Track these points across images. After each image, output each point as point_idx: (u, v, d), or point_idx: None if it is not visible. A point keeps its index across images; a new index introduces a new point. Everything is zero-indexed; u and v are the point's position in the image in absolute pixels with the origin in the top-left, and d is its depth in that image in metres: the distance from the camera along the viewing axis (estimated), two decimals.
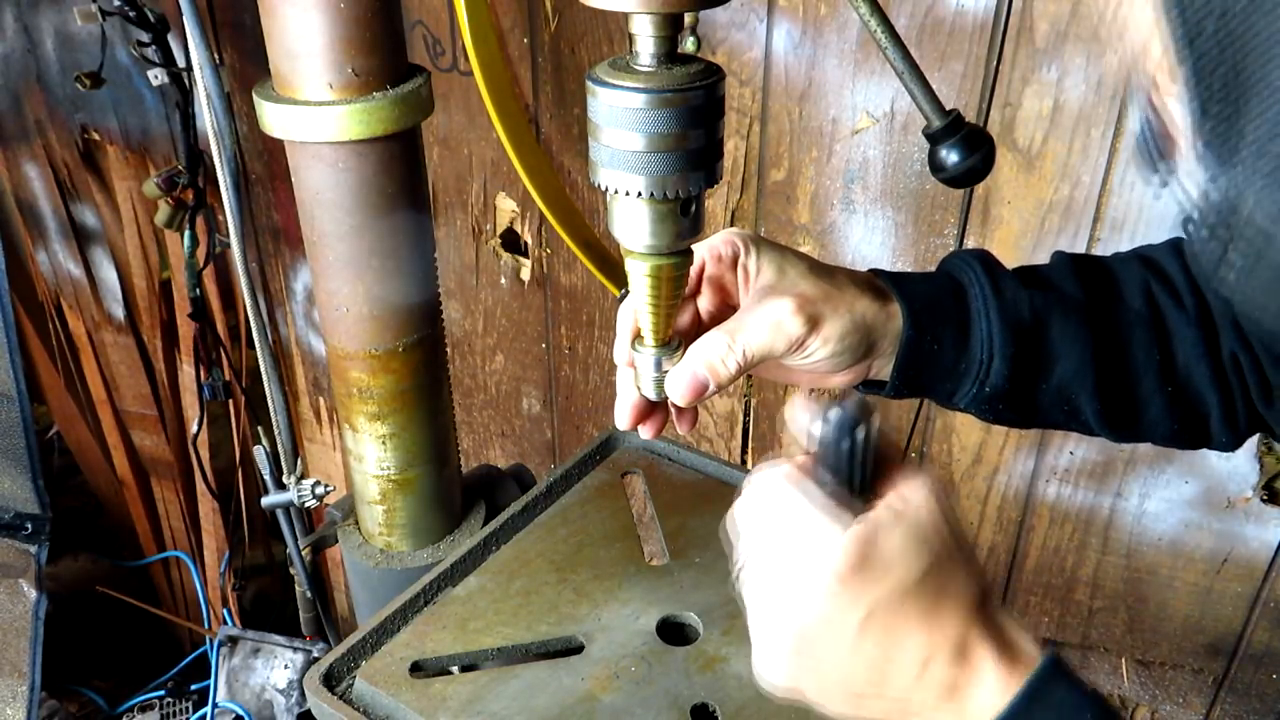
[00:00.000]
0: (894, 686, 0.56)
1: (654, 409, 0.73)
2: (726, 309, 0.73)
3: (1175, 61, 0.34)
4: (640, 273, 0.66)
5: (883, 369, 0.71)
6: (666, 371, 0.70)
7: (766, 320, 0.66)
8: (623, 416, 0.73)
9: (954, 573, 0.56)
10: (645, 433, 0.74)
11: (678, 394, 0.68)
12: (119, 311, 2.31)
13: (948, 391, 0.73)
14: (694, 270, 0.70)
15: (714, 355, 0.67)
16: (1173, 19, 0.34)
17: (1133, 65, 0.38)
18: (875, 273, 0.73)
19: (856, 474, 0.57)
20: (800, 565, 0.56)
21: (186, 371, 2.30)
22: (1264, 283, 0.36)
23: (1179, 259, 0.75)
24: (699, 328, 0.72)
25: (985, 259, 0.74)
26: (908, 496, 0.57)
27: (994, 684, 0.55)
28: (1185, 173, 0.37)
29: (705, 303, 0.73)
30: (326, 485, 1.50)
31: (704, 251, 0.70)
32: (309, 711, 0.90)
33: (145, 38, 1.68)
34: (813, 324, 0.66)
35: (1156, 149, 0.40)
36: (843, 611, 0.55)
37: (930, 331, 0.70)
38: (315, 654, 2.06)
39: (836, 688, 0.58)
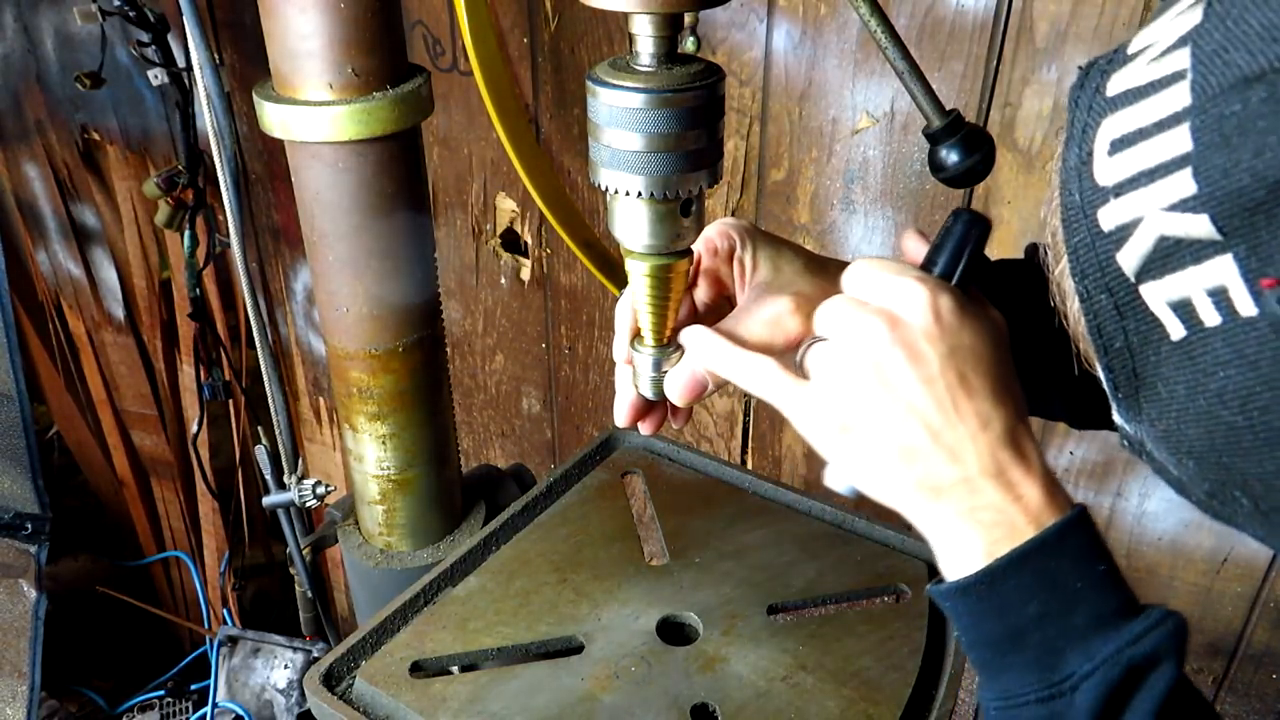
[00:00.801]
0: (953, 433, 0.57)
1: (652, 407, 0.74)
2: (722, 301, 0.73)
3: (1095, 358, 0.48)
4: (640, 272, 0.66)
5: None
6: (665, 372, 0.70)
7: (764, 319, 0.67)
8: (621, 414, 0.74)
9: (1015, 381, 0.60)
10: (644, 430, 0.75)
11: (676, 394, 0.69)
12: (119, 311, 2.31)
13: None
14: (693, 262, 0.70)
15: (709, 353, 0.68)
16: (1093, 335, 0.47)
17: (1074, 336, 0.49)
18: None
19: (960, 265, 0.62)
20: (895, 300, 0.58)
21: (186, 371, 2.30)
22: (1167, 482, 0.51)
23: None
24: (694, 320, 0.72)
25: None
26: (990, 311, 0.62)
27: (1038, 487, 0.57)
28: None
29: (701, 295, 0.74)
30: (327, 485, 1.50)
31: (699, 244, 0.70)
32: (309, 711, 0.90)
33: (145, 38, 1.68)
34: (810, 321, 0.67)
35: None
36: (932, 341, 0.57)
37: None
38: (315, 654, 2.06)
39: (896, 427, 0.58)
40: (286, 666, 2.10)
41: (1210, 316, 0.41)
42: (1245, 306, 0.39)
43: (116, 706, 2.42)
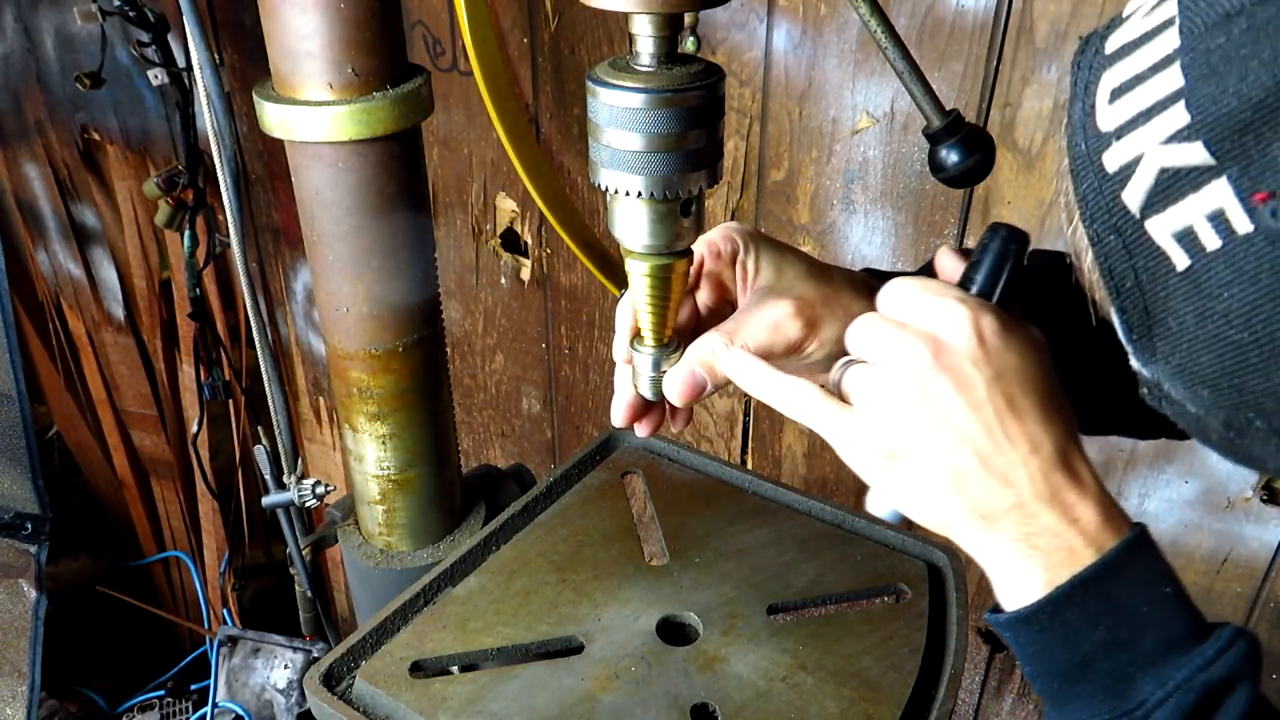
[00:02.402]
0: (1003, 459, 0.56)
1: (650, 407, 0.73)
2: (724, 305, 0.73)
3: (1108, 300, 0.50)
4: (640, 273, 0.66)
5: None
6: (664, 372, 0.70)
7: (765, 322, 0.67)
8: (619, 413, 0.74)
9: (1063, 397, 0.59)
10: (641, 430, 0.74)
11: (674, 393, 0.69)
12: (119, 311, 2.31)
13: None
14: (695, 265, 0.70)
15: (711, 354, 0.67)
16: (1105, 277, 0.49)
17: (1091, 291, 0.52)
18: (869, 272, 0.73)
19: (1000, 283, 0.60)
20: (937, 324, 0.58)
21: (186, 371, 2.30)
22: (1186, 425, 0.52)
23: None
24: (697, 323, 0.72)
25: None
26: (1031, 329, 0.61)
27: (1094, 508, 0.57)
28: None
29: (703, 298, 0.73)
30: (327, 485, 1.50)
31: (702, 247, 0.70)
32: (309, 711, 0.90)
33: (145, 38, 1.68)
34: (810, 327, 0.67)
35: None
36: (978, 365, 0.56)
37: None
38: (315, 654, 2.06)
39: (944, 454, 0.57)
40: (286, 666, 2.10)
41: (1211, 240, 0.43)
42: (1241, 224, 0.42)
43: (116, 706, 2.42)
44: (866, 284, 0.71)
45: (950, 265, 0.66)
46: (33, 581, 1.60)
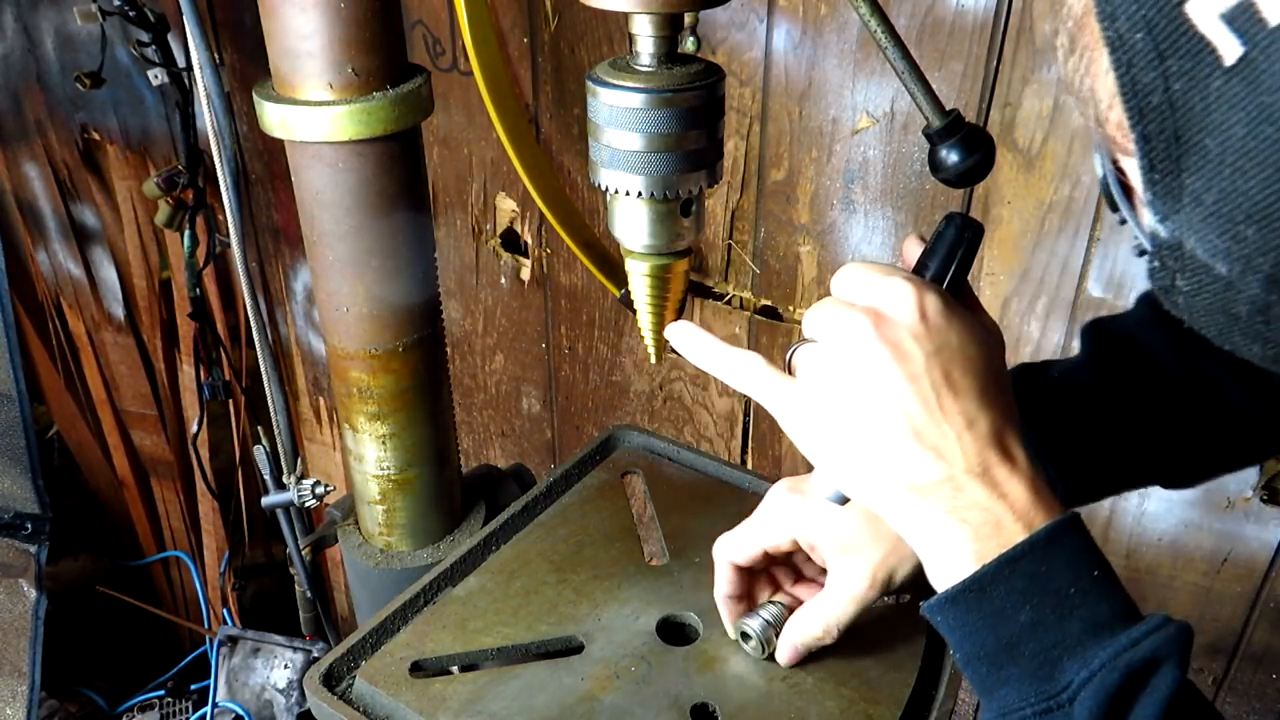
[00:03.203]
0: (937, 430, 0.57)
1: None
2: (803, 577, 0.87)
3: (1128, 127, 0.42)
4: (640, 273, 0.66)
5: None
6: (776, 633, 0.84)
7: (845, 596, 0.77)
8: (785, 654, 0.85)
9: (1005, 381, 0.60)
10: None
11: (784, 659, 0.84)
12: (119, 311, 2.31)
13: None
14: (754, 558, 0.83)
15: (809, 636, 0.81)
16: (1126, 93, 0.41)
17: (1095, 126, 0.44)
18: None
19: (952, 269, 0.62)
20: (881, 299, 0.58)
21: (186, 371, 2.30)
22: (1206, 305, 0.44)
23: None
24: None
25: (1020, 374, 0.82)
26: (982, 316, 0.62)
27: (1025, 488, 0.57)
28: (1140, 214, 0.45)
29: (781, 577, 0.87)
30: (327, 485, 1.50)
31: (763, 545, 0.82)
32: (309, 711, 0.90)
33: (145, 38, 1.68)
34: (887, 582, 0.75)
35: (1120, 192, 0.47)
36: (918, 340, 0.57)
37: None
38: (315, 654, 2.06)
39: (880, 425, 0.58)
40: (286, 666, 2.10)
41: (1275, 11, 0.36)
42: None
43: (116, 706, 2.42)
44: None
45: (913, 250, 0.67)
46: (33, 581, 1.60)
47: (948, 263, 0.62)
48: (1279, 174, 0.37)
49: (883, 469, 0.58)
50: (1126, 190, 0.47)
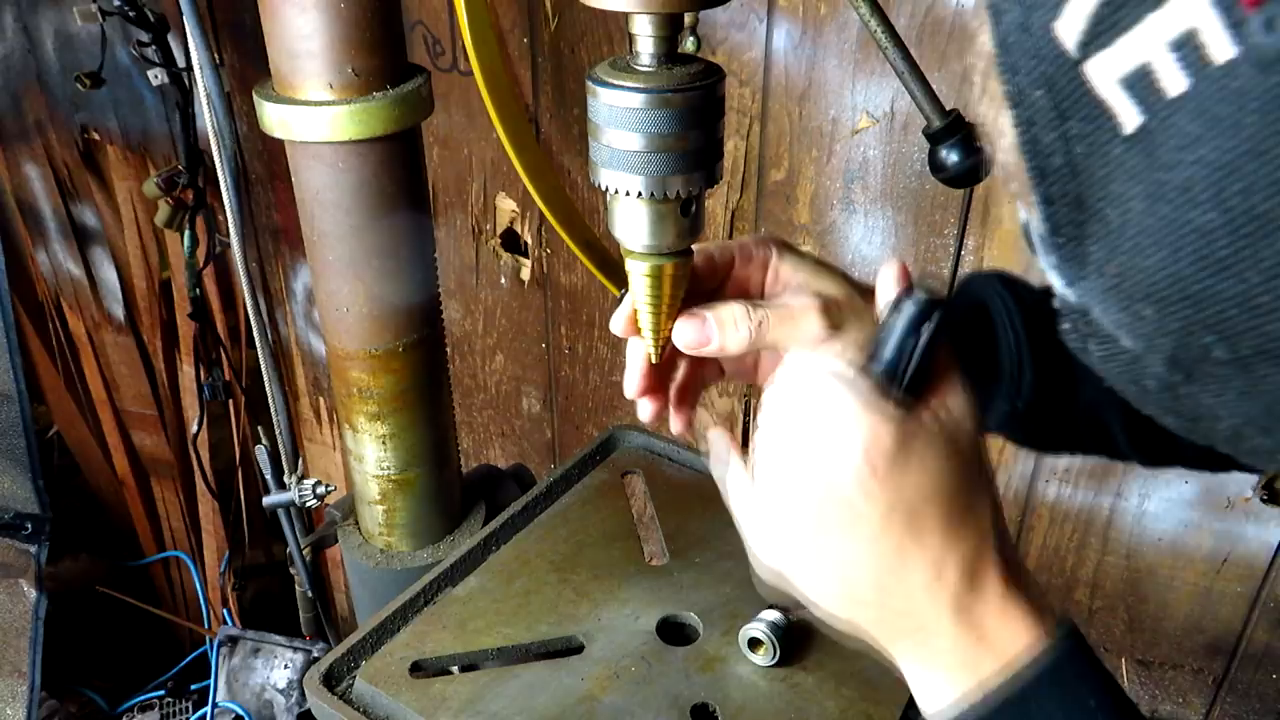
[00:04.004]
0: (903, 593, 0.54)
1: (660, 387, 0.71)
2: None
3: (1031, 188, 0.38)
4: (640, 273, 0.66)
5: None
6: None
7: (789, 311, 0.64)
8: (631, 384, 0.70)
9: (979, 494, 0.55)
10: (645, 409, 0.72)
11: (682, 339, 0.66)
12: (119, 311, 2.31)
13: (979, 410, 0.69)
14: (723, 264, 0.68)
15: (728, 315, 0.65)
16: (1027, 153, 0.37)
17: (1008, 182, 0.40)
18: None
19: (907, 370, 0.56)
20: (832, 444, 0.54)
21: (186, 371, 2.30)
22: (1117, 372, 0.41)
23: None
24: None
25: (1003, 276, 0.73)
26: (950, 407, 0.56)
27: (1006, 621, 0.53)
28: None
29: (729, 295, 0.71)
30: (327, 485, 1.50)
31: (735, 249, 0.68)
32: (309, 711, 0.90)
33: (145, 38, 1.68)
34: (834, 329, 0.63)
35: (1038, 242, 0.43)
36: (871, 499, 0.53)
37: (958, 345, 0.66)
38: (315, 654, 2.06)
39: (840, 584, 0.55)
40: (286, 666, 2.10)
41: (1174, 82, 0.32)
42: (1220, 49, 0.31)
43: (116, 706, 2.42)
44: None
45: (889, 283, 0.62)
46: (33, 581, 1.60)
47: (901, 356, 0.55)
48: (1175, 256, 0.34)
49: (850, 612, 0.56)
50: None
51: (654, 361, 0.70)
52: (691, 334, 0.65)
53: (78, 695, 2.42)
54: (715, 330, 0.65)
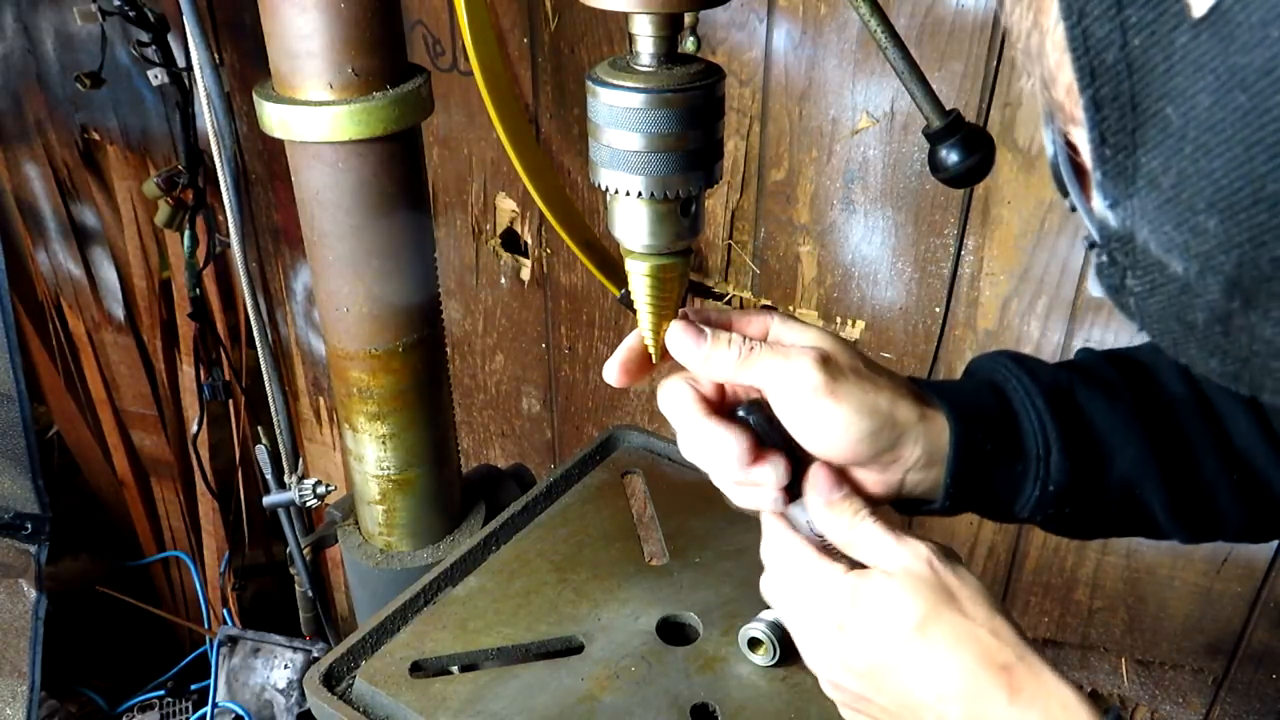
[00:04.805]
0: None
1: (639, 377, 0.71)
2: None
3: (1078, 90, 0.34)
4: (640, 273, 0.66)
5: (922, 481, 0.65)
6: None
7: (785, 350, 0.63)
8: (611, 368, 0.70)
9: (954, 626, 0.58)
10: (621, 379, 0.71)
11: (672, 340, 0.66)
12: (119, 311, 2.31)
13: (1006, 498, 0.67)
14: (720, 324, 0.67)
15: (724, 334, 0.64)
16: (1076, 49, 0.34)
17: (1044, 91, 0.37)
18: (913, 380, 0.69)
19: (787, 451, 0.63)
20: (806, 622, 0.63)
21: (186, 371, 2.30)
22: (1159, 307, 0.37)
23: None
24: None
25: (1012, 355, 0.70)
26: (897, 555, 0.61)
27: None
28: (1091, 198, 0.38)
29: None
30: (327, 485, 1.50)
31: (732, 315, 0.68)
32: (309, 711, 0.90)
33: (145, 38, 1.68)
34: (831, 384, 0.61)
35: (1070, 173, 0.40)
36: (847, 665, 0.61)
37: (979, 428, 0.65)
38: (315, 654, 2.06)
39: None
40: (286, 666, 2.10)
41: None
42: None
43: (116, 706, 2.42)
44: (907, 382, 0.66)
45: (801, 519, 0.66)
46: (33, 581, 1.60)
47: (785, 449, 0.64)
48: (1249, 154, 0.30)
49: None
50: (1079, 171, 0.40)
51: (654, 362, 0.70)
52: (682, 337, 0.65)
53: (78, 695, 2.42)
54: (709, 339, 0.64)
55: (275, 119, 1.00)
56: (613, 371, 0.69)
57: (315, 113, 0.97)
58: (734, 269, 1.51)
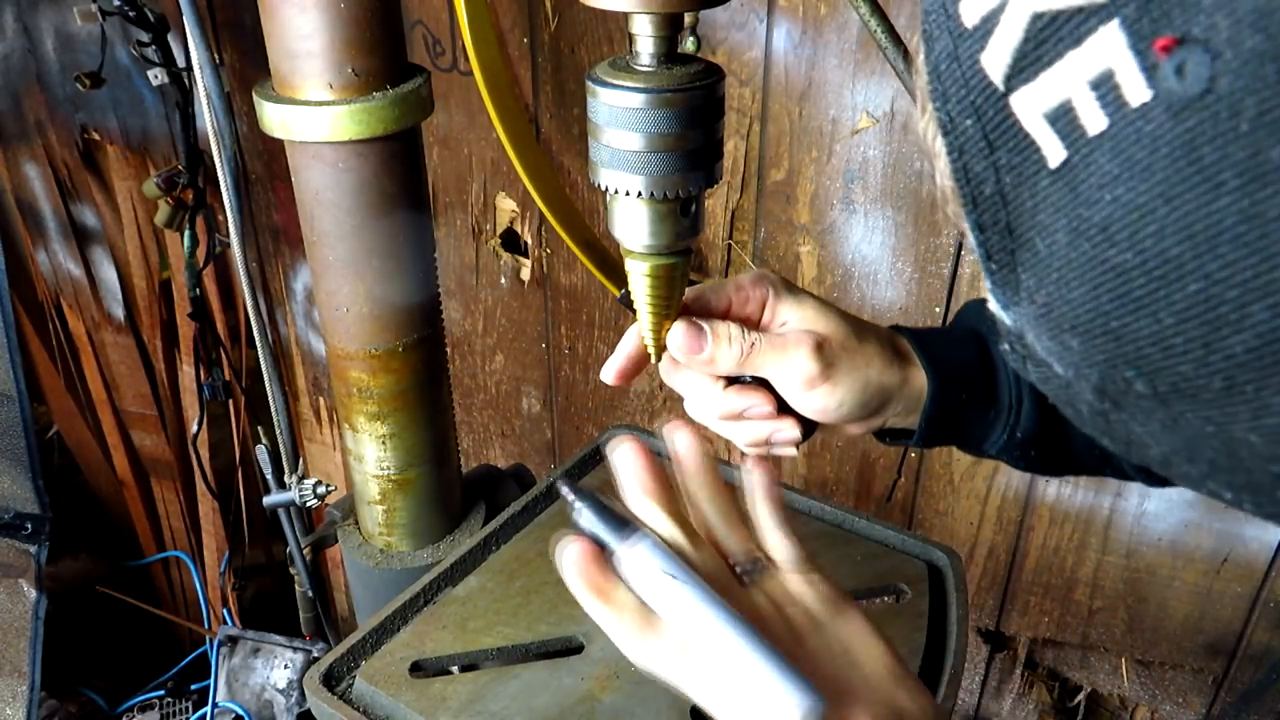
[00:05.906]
0: None
1: (640, 371, 0.72)
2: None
3: (963, 211, 0.38)
4: (640, 273, 0.66)
5: (899, 422, 0.71)
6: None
7: (783, 341, 0.66)
8: (611, 368, 0.72)
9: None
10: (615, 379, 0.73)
11: (675, 342, 0.68)
12: (119, 311, 2.31)
13: (977, 439, 0.72)
14: (719, 305, 0.69)
15: (724, 330, 0.66)
16: (959, 179, 0.37)
17: (942, 199, 0.40)
18: (896, 329, 0.72)
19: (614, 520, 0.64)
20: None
21: (186, 371, 2.30)
22: (1054, 393, 0.41)
23: None
24: None
25: None
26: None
27: None
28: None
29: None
30: (327, 485, 1.50)
31: (730, 290, 0.69)
32: (309, 711, 0.90)
33: (145, 38, 1.68)
34: (827, 370, 0.66)
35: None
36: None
37: (957, 384, 0.69)
38: (315, 654, 2.06)
39: None
40: (286, 666, 2.10)
41: (1094, 120, 0.32)
42: (1136, 91, 0.31)
43: (116, 706, 2.42)
44: (892, 343, 0.70)
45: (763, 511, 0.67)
46: (33, 581, 1.60)
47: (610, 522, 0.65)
48: (1094, 294, 0.34)
49: None
50: None
51: (654, 362, 0.70)
52: (685, 339, 0.67)
53: (78, 695, 2.42)
54: (710, 340, 0.66)
55: (275, 119, 1.00)
56: (611, 373, 0.71)
57: (315, 113, 0.97)
58: (734, 269, 1.51)
